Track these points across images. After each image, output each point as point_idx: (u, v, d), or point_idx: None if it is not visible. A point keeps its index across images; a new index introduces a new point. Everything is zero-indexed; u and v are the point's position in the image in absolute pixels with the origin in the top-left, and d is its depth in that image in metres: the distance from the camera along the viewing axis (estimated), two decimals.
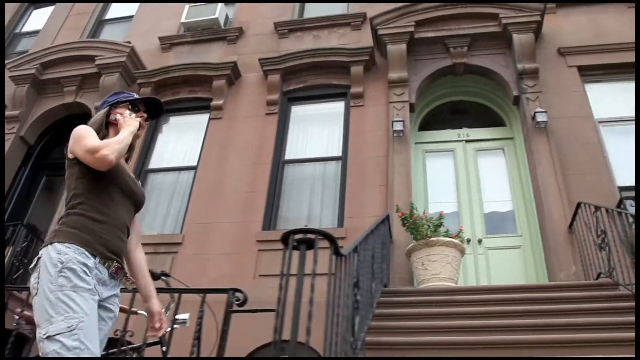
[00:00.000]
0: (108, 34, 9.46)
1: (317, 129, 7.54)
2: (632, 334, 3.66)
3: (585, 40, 7.38)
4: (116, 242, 2.11)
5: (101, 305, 2.03)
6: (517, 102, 7.00)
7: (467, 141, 7.35)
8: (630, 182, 6.39)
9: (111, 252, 2.07)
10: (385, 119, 7.03)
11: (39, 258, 1.97)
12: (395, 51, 7.32)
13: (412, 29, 7.37)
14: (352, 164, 6.85)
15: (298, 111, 7.76)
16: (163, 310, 2.32)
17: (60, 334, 1.78)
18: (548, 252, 5.91)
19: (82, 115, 8.19)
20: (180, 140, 7.78)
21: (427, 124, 7.72)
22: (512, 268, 6.32)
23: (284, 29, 8.30)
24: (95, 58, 8.09)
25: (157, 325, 2.28)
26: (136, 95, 2.39)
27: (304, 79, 7.71)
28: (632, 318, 3.94)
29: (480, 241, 6.52)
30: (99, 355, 1.88)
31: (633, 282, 4.40)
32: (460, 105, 7.79)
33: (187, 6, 8.70)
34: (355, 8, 8.45)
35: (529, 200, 6.58)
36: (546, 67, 7.23)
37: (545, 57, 7.33)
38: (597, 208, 5.08)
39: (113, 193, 2.15)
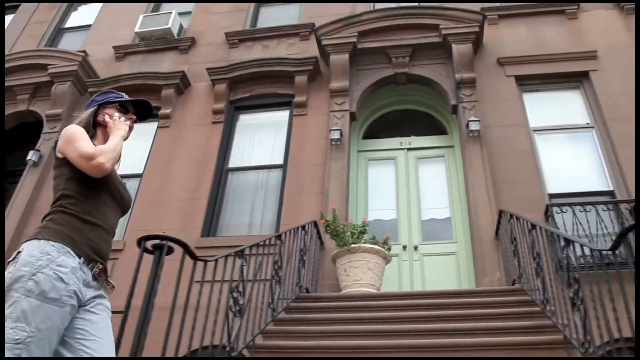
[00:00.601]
0: (67, 42, 9.59)
1: (262, 137, 7.67)
2: (536, 337, 3.78)
3: (524, 51, 7.54)
4: (103, 245, 2.07)
5: (87, 305, 1.97)
6: (456, 111, 7.13)
7: (409, 149, 7.48)
8: (561, 189, 6.53)
9: (96, 254, 2.02)
10: (326, 128, 7.16)
11: (19, 252, 1.89)
12: (337, 61, 7.47)
13: (354, 39, 7.52)
14: (292, 172, 6.97)
15: (244, 120, 7.89)
16: None
17: (7, 341, 1.70)
18: (476, 259, 6.02)
19: (35, 124, 8.32)
20: (129, 148, 7.85)
21: (372, 133, 7.85)
22: (446, 274, 6.43)
23: (235, 39, 8.44)
24: (48, 67, 8.21)
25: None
26: (126, 96, 2.36)
27: (251, 88, 7.85)
28: (537, 322, 4.06)
29: (416, 248, 6.63)
30: None
31: (538, 287, 4.51)
32: (405, 114, 7.93)
33: (141, 16, 8.84)
34: (305, 19, 8.59)
35: (464, 207, 6.70)
36: (485, 76, 7.39)
37: (484, 67, 7.48)
38: (511, 216, 5.20)
39: (104, 197, 2.11)
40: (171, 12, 8.63)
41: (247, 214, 7.11)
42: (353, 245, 5.45)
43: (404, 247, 6.63)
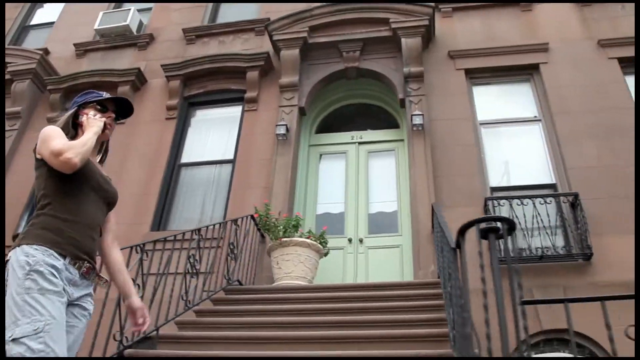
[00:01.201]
0: (32, 40, 9.67)
1: (215, 132, 7.72)
2: (428, 330, 3.82)
3: (476, 44, 7.53)
4: (87, 241, 2.08)
5: (74, 304, 2.03)
6: (404, 105, 7.15)
7: (360, 143, 7.51)
8: (504, 182, 6.55)
9: (82, 252, 2.04)
10: (275, 123, 7.19)
11: (7, 260, 1.95)
12: (287, 56, 7.49)
13: (305, 34, 7.54)
14: (240, 167, 7.03)
15: (198, 115, 7.96)
16: (144, 305, 2.32)
17: (25, 336, 1.76)
18: (414, 252, 6.06)
19: None
20: None
21: (325, 127, 7.88)
22: (390, 266, 6.47)
23: (192, 35, 8.49)
24: (7, 65, 8.30)
25: (140, 321, 2.27)
26: (105, 95, 2.36)
27: (205, 84, 7.90)
28: (437, 315, 4.10)
29: (361, 240, 6.68)
30: (65, 356, 1.87)
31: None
32: (359, 108, 7.96)
33: (101, 13, 8.90)
34: (262, 14, 8.61)
35: (408, 200, 6.73)
36: (435, 70, 7.39)
37: (435, 61, 7.48)
38: (436, 210, 5.23)
39: (84, 192, 2.12)
40: (130, 9, 8.69)
41: (198, 209, 7.18)
42: (285, 239, 5.51)
43: (350, 240, 6.68)
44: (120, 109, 2.41)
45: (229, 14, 9.09)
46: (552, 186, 6.38)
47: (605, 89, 6.85)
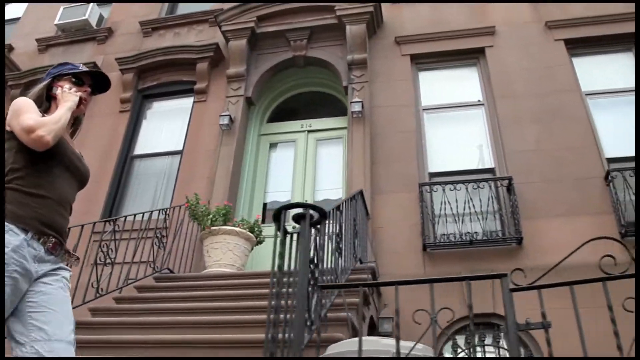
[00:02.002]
0: None
1: (169, 124, 7.84)
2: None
3: (423, 29, 7.49)
4: (54, 217, 1.98)
5: (43, 278, 1.93)
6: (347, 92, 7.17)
7: (309, 131, 7.56)
8: (444, 167, 6.54)
9: (48, 227, 1.95)
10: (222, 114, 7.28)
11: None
12: (234, 47, 7.55)
13: (253, 24, 7.57)
14: (187, 158, 7.14)
15: (152, 108, 8.08)
16: None
17: None
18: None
19: None
20: None
21: (277, 116, 7.94)
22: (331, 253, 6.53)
23: (148, 28, 8.58)
24: None
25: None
26: (82, 68, 2.25)
27: (158, 77, 8.00)
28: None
29: None
30: None
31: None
32: (311, 97, 7.99)
33: (62, 7, 9.03)
34: (217, 5, 8.65)
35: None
36: (381, 56, 7.38)
37: (382, 47, 7.47)
38: (353, 197, 5.29)
39: (54, 168, 2.03)
40: (89, 4, 8.79)
41: (149, 200, 7.32)
42: (214, 228, 5.61)
43: (293, 228, 6.74)
44: (97, 83, 2.29)
45: (188, 5, 9.15)
46: (490, 171, 6.37)
47: (551, 72, 6.78)
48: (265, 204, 7.18)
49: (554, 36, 7.08)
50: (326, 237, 3.21)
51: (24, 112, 1.97)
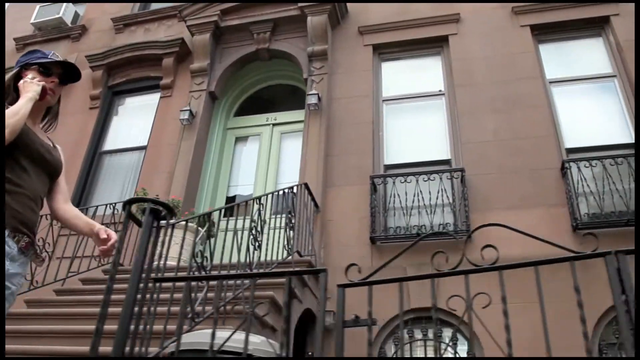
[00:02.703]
0: None
1: (137, 120, 7.90)
2: None
3: (387, 18, 7.35)
4: (28, 213, 1.92)
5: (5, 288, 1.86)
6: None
7: (274, 125, 7.53)
8: (399, 159, 6.44)
9: (22, 225, 1.89)
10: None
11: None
12: (198, 41, 7.54)
13: (216, 18, 7.55)
14: (150, 153, 7.20)
15: (122, 104, 8.15)
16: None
17: None
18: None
19: None
20: None
21: (245, 110, 7.92)
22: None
23: (120, 24, 8.64)
24: None
25: (103, 235, 2.09)
26: (52, 56, 2.16)
27: (128, 73, 8.06)
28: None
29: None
30: None
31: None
32: (277, 89, 7.94)
33: (38, 6, 9.17)
34: None
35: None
36: (344, 47, 7.29)
37: (345, 38, 7.37)
38: (290, 189, 5.26)
39: (23, 163, 1.94)
40: (64, 2, 8.90)
41: (116, 195, 7.40)
42: None
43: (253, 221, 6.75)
44: (67, 73, 2.18)
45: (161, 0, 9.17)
46: (447, 162, 6.25)
47: (513, 59, 6.60)
48: (228, 198, 7.19)
49: (520, 22, 6.88)
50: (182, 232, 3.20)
51: None
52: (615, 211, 5.34)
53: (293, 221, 5.10)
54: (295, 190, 5.48)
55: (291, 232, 5.10)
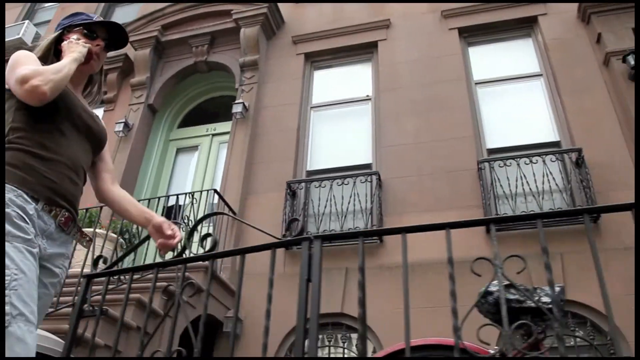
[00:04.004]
0: None
1: None
2: None
3: (321, 27, 7.41)
4: (66, 184, 1.66)
5: (42, 266, 1.59)
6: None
7: (213, 135, 7.60)
8: (322, 165, 6.41)
9: (60, 197, 1.63)
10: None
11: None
12: (139, 56, 7.71)
13: (157, 33, 7.72)
14: None
15: None
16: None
17: None
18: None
19: None
20: None
21: (188, 122, 8.02)
22: None
23: None
24: None
25: (169, 232, 1.86)
26: (96, 18, 1.96)
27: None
28: None
29: (196, 229, 6.77)
30: (35, 324, 1.46)
31: None
32: (219, 101, 8.03)
33: None
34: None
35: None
36: (277, 56, 7.35)
37: (279, 47, 7.44)
38: (191, 195, 5.31)
39: (63, 127, 1.71)
40: (24, 23, 9.22)
41: None
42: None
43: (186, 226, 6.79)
44: (113, 39, 1.97)
45: (118, 18, 9.42)
46: (368, 166, 6.19)
47: (439, 62, 6.56)
48: (167, 207, 7.24)
49: (448, 25, 6.85)
50: None
51: (21, 63, 1.65)
52: (527, 211, 5.20)
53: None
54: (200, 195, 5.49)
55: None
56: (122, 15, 9.44)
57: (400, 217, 5.56)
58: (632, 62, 5.53)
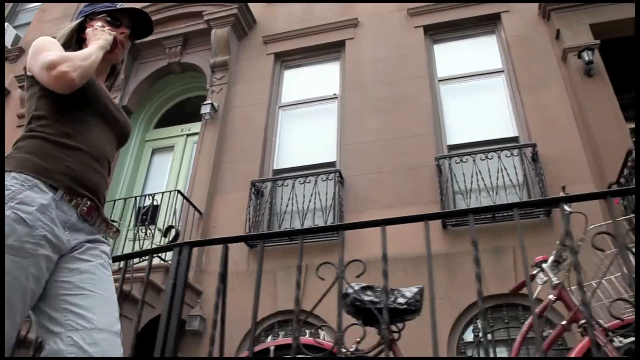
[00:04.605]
0: None
1: None
2: None
3: (292, 26, 7.49)
4: (89, 174, 1.58)
5: (75, 257, 1.51)
6: None
7: (188, 135, 7.72)
8: (290, 164, 6.52)
9: (81, 186, 1.54)
10: None
11: None
12: None
13: None
14: None
15: None
16: None
17: None
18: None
19: None
20: None
21: (165, 122, 8.14)
22: None
23: None
24: None
25: None
26: (119, 5, 1.87)
27: None
28: None
29: (170, 228, 6.91)
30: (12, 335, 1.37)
31: None
32: (195, 101, 8.13)
33: None
34: None
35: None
36: (248, 57, 7.45)
37: (250, 48, 7.54)
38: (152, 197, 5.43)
39: (87, 116, 1.64)
40: (4, 32, 9.35)
41: None
42: None
43: (159, 230, 6.92)
44: (137, 27, 1.89)
45: None
46: (332, 164, 6.29)
47: (404, 60, 6.65)
48: (141, 207, 7.37)
49: (414, 23, 6.93)
50: None
51: (45, 49, 1.58)
52: (481, 207, 5.29)
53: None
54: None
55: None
56: None
57: (360, 214, 5.67)
58: (587, 58, 5.61)
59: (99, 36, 1.71)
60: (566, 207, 1.90)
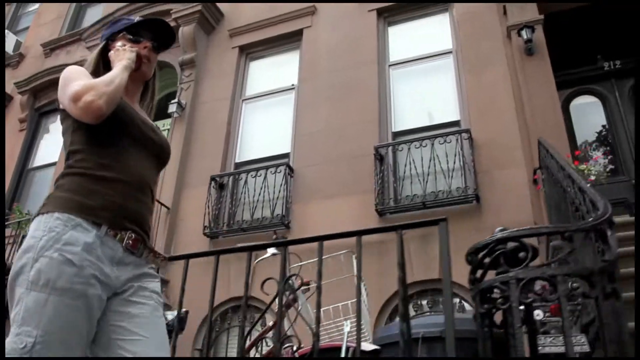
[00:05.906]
0: None
1: (59, 136, 8.84)
2: None
3: (253, 18, 7.63)
4: (131, 204, 1.55)
5: (125, 292, 1.52)
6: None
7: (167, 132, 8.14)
8: (251, 156, 6.82)
9: (124, 219, 1.52)
10: None
11: (24, 236, 1.75)
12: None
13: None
14: (60, 166, 8.10)
15: (47, 124, 9.13)
16: None
17: (11, 352, 1.33)
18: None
19: None
20: None
21: None
22: None
23: (47, 49, 9.58)
24: None
25: None
26: (137, 19, 1.84)
27: (50, 95, 8.97)
28: None
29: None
30: None
31: None
32: (172, 98, 8.49)
33: None
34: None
35: None
36: (215, 52, 7.71)
37: (217, 42, 7.78)
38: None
39: (123, 144, 1.61)
40: (4, 32, 9.98)
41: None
42: None
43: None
44: (159, 38, 1.83)
45: (90, 20, 9.97)
46: (286, 156, 6.53)
47: (356, 45, 6.72)
48: None
49: (367, 7, 6.92)
50: None
51: (73, 79, 1.57)
52: (411, 195, 5.46)
53: None
54: None
55: None
56: (92, 17, 9.97)
57: (306, 204, 5.96)
58: (526, 36, 5.51)
59: (122, 56, 1.68)
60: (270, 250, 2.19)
